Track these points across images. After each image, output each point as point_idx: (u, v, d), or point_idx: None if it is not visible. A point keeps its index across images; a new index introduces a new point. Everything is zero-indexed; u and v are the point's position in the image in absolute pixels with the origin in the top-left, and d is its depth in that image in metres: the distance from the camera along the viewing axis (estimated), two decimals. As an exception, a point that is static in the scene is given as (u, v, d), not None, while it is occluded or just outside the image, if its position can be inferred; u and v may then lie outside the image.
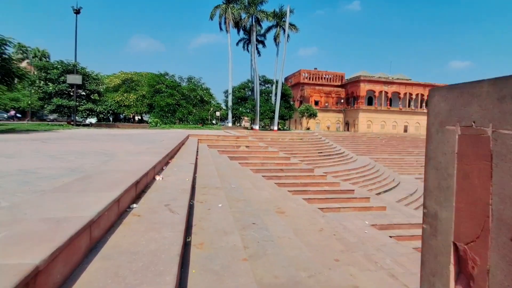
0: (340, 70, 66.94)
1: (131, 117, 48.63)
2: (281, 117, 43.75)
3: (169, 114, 34.80)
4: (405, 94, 59.03)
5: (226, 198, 5.83)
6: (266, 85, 48.41)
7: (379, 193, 23.52)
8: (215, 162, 11.05)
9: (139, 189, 4.15)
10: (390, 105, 59.39)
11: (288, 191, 13.10)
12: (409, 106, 60.06)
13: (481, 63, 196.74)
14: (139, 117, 49.53)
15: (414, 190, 26.34)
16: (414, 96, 59.56)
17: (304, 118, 54.39)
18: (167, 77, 37.17)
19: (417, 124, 59.51)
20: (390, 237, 11.95)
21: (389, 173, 30.79)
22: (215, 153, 14.83)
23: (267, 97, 45.07)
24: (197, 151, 12.31)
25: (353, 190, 15.59)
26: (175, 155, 8.86)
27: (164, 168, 6.40)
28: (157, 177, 5.22)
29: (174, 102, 34.36)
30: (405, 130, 58.63)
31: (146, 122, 41.82)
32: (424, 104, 60.27)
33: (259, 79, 44.87)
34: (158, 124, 31.73)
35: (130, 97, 40.69)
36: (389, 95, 58.31)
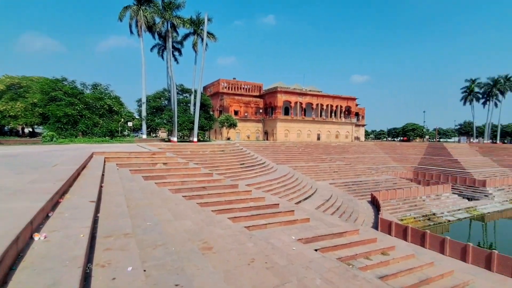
0: (257, 81, 69.07)
1: (20, 129, 40.86)
2: (201, 127, 42.37)
3: (69, 126, 30.01)
4: (317, 104, 64.07)
5: (139, 248, 4.58)
6: (184, 95, 46.51)
7: (299, 202, 24.28)
8: (125, 188, 9.37)
9: (1, 271, 2.68)
10: (305, 115, 63.67)
11: (212, 211, 12.10)
12: (320, 115, 65.32)
13: (377, 77, 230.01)
14: (30, 130, 41.96)
15: (329, 195, 28.07)
16: (325, 107, 65.08)
17: (224, 128, 54.03)
18: (65, 83, 32.12)
19: (328, 132, 65.13)
20: (316, 250, 11.98)
21: (307, 180, 32.34)
22: (126, 174, 12.89)
23: (186, 107, 43.20)
24: (103, 175, 10.36)
25: (278, 204, 15.44)
26: (70, 187, 7.03)
27: (50, 214, 4.77)
28: (37, 236, 3.70)
29: (75, 112, 29.79)
30: (318, 138, 63.49)
31: (40, 135, 35.49)
32: (333, 114, 66.43)
33: (177, 88, 42.74)
34: (54, 139, 26.99)
35: (17, 105, 34.07)
36: (303, 105, 62.49)
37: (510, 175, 48.44)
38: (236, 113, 61.57)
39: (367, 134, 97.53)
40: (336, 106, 66.58)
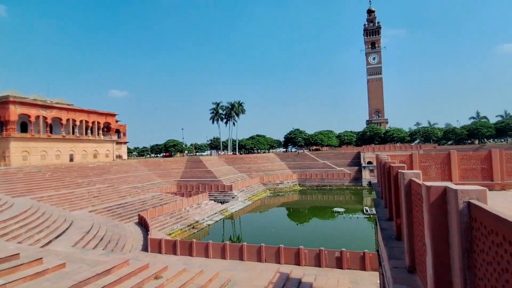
0: (-27, 86, 50.01)
1: None
2: None
3: None
4: (68, 120, 54.64)
5: None
6: None
7: (50, 242, 19.08)
8: None
9: None
10: (51, 132, 52.51)
11: None
12: (73, 133, 56.28)
13: (137, 93, 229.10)
14: None
15: (90, 226, 24.07)
16: (78, 123, 56.71)
17: None
18: None
19: (84, 152, 57.12)
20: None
21: (59, 212, 26.29)
22: None
23: None
24: None
25: (18, 253, 11.09)
26: None
27: None
28: None
29: None
30: (71, 159, 54.22)
31: None
32: (89, 131, 59.12)
33: None
34: None
35: None
36: (49, 120, 51.39)
37: (246, 178, 62.21)
38: None
39: (129, 151, 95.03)
40: (93, 122, 59.94)
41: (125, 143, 72.93)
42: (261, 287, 13.66)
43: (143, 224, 30.53)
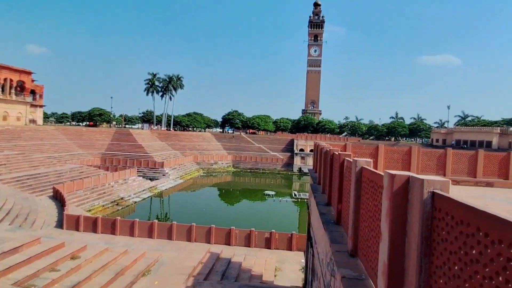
0: None
1: None
2: None
3: None
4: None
5: None
6: None
7: None
8: None
9: None
10: None
11: None
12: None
13: (60, 51, 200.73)
14: None
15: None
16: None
17: None
18: None
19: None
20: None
21: None
22: None
23: None
24: None
25: None
26: None
27: None
28: None
29: None
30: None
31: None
32: (-6, 89, 50.25)
33: None
34: None
35: None
36: None
37: (180, 156, 60.28)
38: None
39: (46, 117, 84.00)
40: (5, 80, 51.09)
41: (42, 106, 64.03)
42: (190, 267, 13.40)
43: (58, 198, 27.46)
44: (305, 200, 42.91)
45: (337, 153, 5.60)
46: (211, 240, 18.86)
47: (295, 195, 44.63)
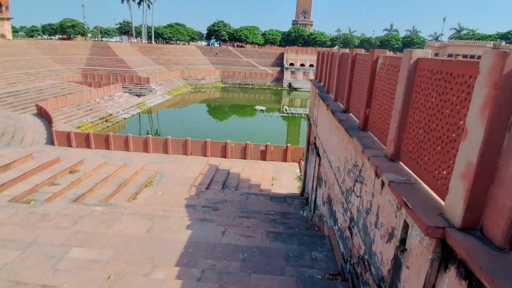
0: None
1: None
2: None
3: None
4: None
5: None
6: None
7: None
8: None
9: None
10: None
11: None
12: None
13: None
14: None
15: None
16: None
17: None
18: None
19: None
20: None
21: None
22: None
23: None
24: None
25: None
26: None
27: None
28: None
29: None
30: None
31: None
32: None
33: None
34: None
35: None
36: None
37: (165, 71, 57.40)
38: None
39: (15, 31, 75.83)
40: None
41: (9, 19, 56.98)
42: (191, 178, 13.66)
43: (43, 115, 26.46)
44: (295, 115, 43.15)
45: (370, 53, 4.88)
46: (207, 154, 19.05)
47: (286, 110, 44.62)
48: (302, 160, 19.60)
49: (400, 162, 3.46)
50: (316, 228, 7.61)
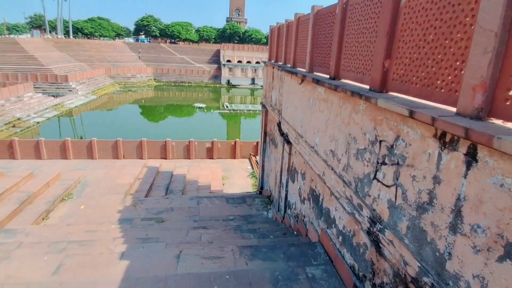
0: None
1: None
2: None
3: None
4: None
5: None
6: None
7: None
8: None
9: None
10: None
11: None
12: None
13: None
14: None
15: None
16: None
17: None
18: None
19: None
20: None
21: None
22: None
23: None
24: None
25: None
26: None
27: None
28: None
29: None
30: None
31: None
32: None
33: None
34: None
35: None
36: None
37: (87, 69, 50.96)
38: None
39: None
40: None
41: None
42: (125, 185, 11.06)
43: None
44: (237, 111, 41.67)
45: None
46: (144, 156, 16.37)
47: (227, 106, 42.91)
48: (253, 155, 18.13)
49: (492, 120, 2.04)
50: (295, 233, 6.08)
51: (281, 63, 8.46)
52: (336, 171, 4.24)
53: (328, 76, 4.86)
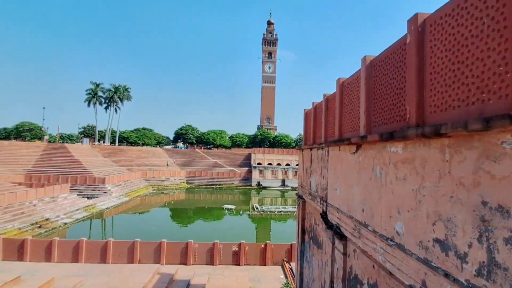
0: None
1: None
2: None
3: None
4: None
5: None
6: None
7: None
8: None
9: None
10: None
11: None
12: None
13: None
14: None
15: None
16: None
17: None
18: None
19: None
20: None
21: None
22: None
23: None
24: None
25: None
26: None
27: None
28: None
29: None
30: None
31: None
32: None
33: None
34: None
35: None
36: None
37: (125, 172, 53.30)
38: None
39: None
40: None
41: None
42: (127, 296, 8.85)
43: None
44: (268, 212, 39.26)
45: None
46: (161, 260, 14.24)
47: (257, 208, 40.85)
48: (286, 261, 15.26)
49: None
50: None
51: (321, 141, 7.14)
52: (457, 278, 2.24)
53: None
